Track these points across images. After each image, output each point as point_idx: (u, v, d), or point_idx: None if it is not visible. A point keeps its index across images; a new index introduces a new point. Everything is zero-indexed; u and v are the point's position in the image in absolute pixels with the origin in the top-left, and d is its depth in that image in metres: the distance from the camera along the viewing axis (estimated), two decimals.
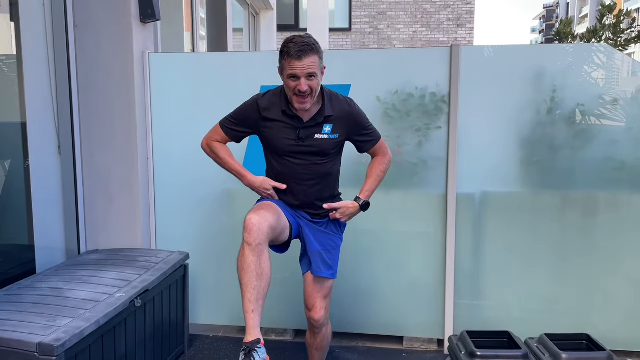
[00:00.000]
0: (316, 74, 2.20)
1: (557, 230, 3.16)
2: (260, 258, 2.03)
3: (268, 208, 2.23)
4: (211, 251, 3.43)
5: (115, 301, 2.43)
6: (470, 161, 3.17)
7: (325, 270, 2.44)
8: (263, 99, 2.37)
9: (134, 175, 3.31)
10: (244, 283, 2.03)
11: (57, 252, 3.26)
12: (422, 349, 3.30)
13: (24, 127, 3.05)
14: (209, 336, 3.48)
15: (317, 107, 2.33)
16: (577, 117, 3.10)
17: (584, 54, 3.11)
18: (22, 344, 1.99)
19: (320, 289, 2.46)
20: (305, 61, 2.16)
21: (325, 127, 2.34)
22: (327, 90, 2.37)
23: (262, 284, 2.02)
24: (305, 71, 2.17)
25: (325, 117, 2.32)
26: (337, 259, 2.51)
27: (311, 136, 2.33)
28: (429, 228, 3.24)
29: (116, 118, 3.28)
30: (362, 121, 2.44)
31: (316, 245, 2.43)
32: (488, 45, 3.13)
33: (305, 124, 2.32)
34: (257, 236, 2.03)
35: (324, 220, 2.47)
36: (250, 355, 1.94)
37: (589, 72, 3.08)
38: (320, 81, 2.26)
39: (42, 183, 3.14)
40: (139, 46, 3.27)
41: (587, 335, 2.82)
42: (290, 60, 2.17)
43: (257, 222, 2.05)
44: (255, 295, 2.00)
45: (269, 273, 2.06)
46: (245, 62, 3.38)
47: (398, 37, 15.86)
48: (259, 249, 2.03)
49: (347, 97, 2.45)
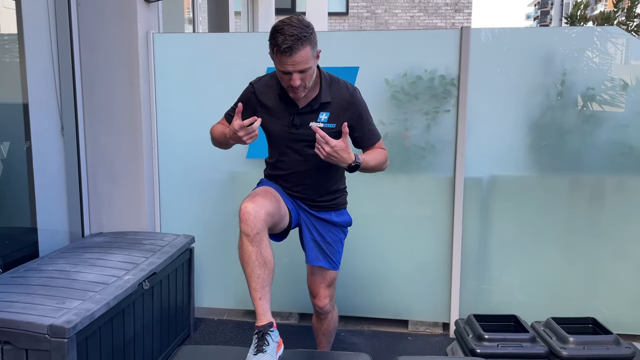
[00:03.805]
0: (308, 67, 2.03)
1: (564, 214, 3.16)
2: (260, 246, 1.97)
3: (265, 194, 2.12)
4: (216, 235, 3.41)
5: (124, 283, 2.40)
6: (479, 145, 3.15)
7: (324, 261, 2.36)
8: (259, 82, 2.27)
9: (138, 157, 3.27)
10: (247, 273, 1.98)
11: (60, 234, 3.23)
12: (427, 332, 3.31)
13: (25, 108, 2.99)
14: (214, 319, 3.47)
15: (314, 93, 2.18)
16: (586, 101, 3.08)
17: (595, 37, 3.08)
18: (33, 325, 1.96)
19: (322, 279, 2.40)
20: (295, 57, 1.97)
21: (322, 115, 2.17)
22: (326, 74, 2.21)
23: (265, 271, 1.97)
24: (296, 67, 2.00)
25: (321, 103, 2.17)
26: (338, 252, 2.40)
27: (306, 124, 2.18)
28: (436, 212, 3.23)
29: (120, 99, 3.23)
30: (362, 112, 2.24)
31: (314, 235, 2.34)
32: (498, 27, 3.10)
33: (300, 110, 2.18)
34: (254, 225, 1.96)
35: (326, 212, 2.36)
36: (264, 338, 1.92)
37: (599, 56, 3.06)
38: (314, 69, 2.10)
39: (45, 165, 3.10)
40: (143, 26, 3.21)
41: (593, 319, 2.85)
42: (280, 55, 1.99)
43: (253, 211, 1.97)
44: (261, 283, 1.96)
45: (272, 259, 2.00)
46: (251, 43, 3.32)
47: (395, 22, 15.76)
48: (257, 238, 1.96)
49: (350, 84, 2.27)
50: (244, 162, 3.29)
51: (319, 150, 2.07)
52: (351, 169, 2.13)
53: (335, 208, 2.37)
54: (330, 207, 2.36)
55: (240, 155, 3.29)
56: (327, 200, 2.34)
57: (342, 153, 2.06)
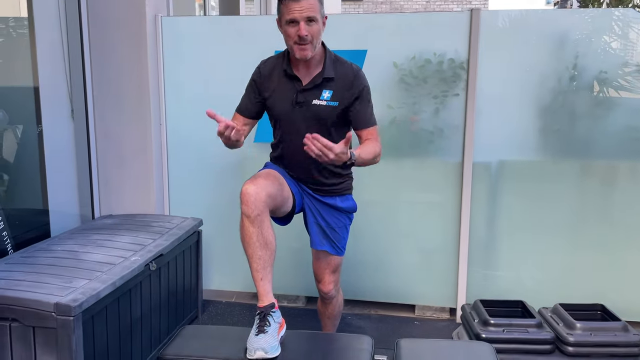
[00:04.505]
0: (316, 18, 2.05)
1: (574, 200, 3.12)
2: (262, 228, 1.97)
3: (267, 176, 2.12)
4: (224, 218, 3.43)
5: (130, 264, 2.43)
6: (488, 129, 3.11)
7: (328, 246, 2.35)
8: (266, 63, 2.29)
9: (147, 140, 3.29)
10: (249, 254, 1.99)
11: (71, 216, 3.28)
12: (434, 317, 3.31)
13: (36, 91, 3.02)
14: (222, 302, 3.50)
15: (318, 69, 2.18)
16: (599, 86, 3.02)
17: (610, 20, 3.00)
18: (40, 303, 2.00)
19: (326, 264, 2.39)
20: (303, 3, 2.01)
21: (325, 92, 2.17)
22: (332, 53, 2.22)
23: (267, 252, 1.98)
24: (304, 14, 2.02)
25: (324, 78, 2.16)
26: (343, 238, 2.39)
27: (309, 101, 2.18)
28: (444, 197, 3.21)
29: (128, 82, 3.24)
30: (364, 92, 2.21)
31: (318, 219, 2.33)
32: (509, 9, 3.04)
33: (304, 87, 2.18)
34: (255, 207, 1.96)
35: (330, 197, 2.34)
36: (265, 319, 1.93)
37: (613, 39, 2.99)
38: (321, 29, 2.10)
39: (56, 147, 3.13)
40: (151, 9, 3.21)
41: (601, 305, 2.82)
42: (287, 3, 2.03)
43: (254, 192, 1.97)
44: (262, 264, 1.97)
45: (273, 241, 2.00)
46: (259, 26, 3.30)
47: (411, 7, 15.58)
48: (258, 219, 1.96)
49: (355, 65, 2.25)
50: (252, 145, 3.30)
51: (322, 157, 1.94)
52: (345, 167, 2.12)
53: (340, 193, 2.35)
54: (335, 191, 2.34)
55: (249, 139, 3.28)
56: (331, 185, 2.33)
57: (343, 157, 1.97)
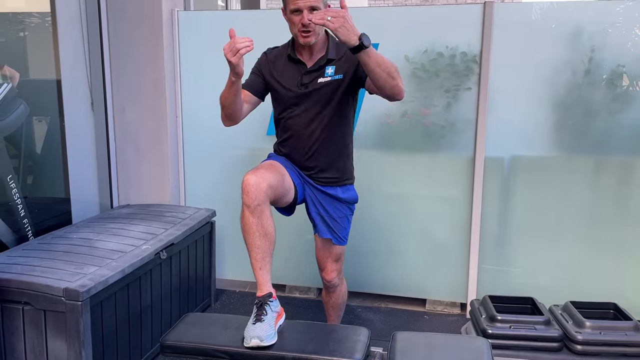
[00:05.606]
0: (319, 7, 2.11)
1: (588, 196, 3.06)
2: (262, 218, 2.00)
3: (269, 167, 2.16)
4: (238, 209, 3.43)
5: (140, 252, 2.52)
6: (501, 124, 3.07)
7: (330, 235, 2.39)
8: (272, 51, 2.38)
9: (163, 133, 3.38)
10: (248, 244, 2.03)
11: (91, 205, 3.39)
12: (444, 312, 3.30)
13: (59, 84, 3.14)
14: (236, 291, 3.58)
15: (321, 54, 2.25)
16: (617, 79, 2.94)
17: (628, 11, 2.92)
18: (50, 288, 2.10)
19: (329, 253, 2.44)
20: None
21: (328, 69, 2.23)
22: (334, 37, 2.21)
23: (266, 242, 2.01)
24: (307, 3, 2.09)
25: (327, 59, 2.23)
26: (344, 228, 2.43)
27: (314, 81, 2.24)
28: (455, 191, 3.19)
29: (145, 75, 3.33)
30: None
31: (319, 210, 2.37)
32: (523, 1, 2.98)
33: (308, 69, 2.25)
34: (255, 197, 1.99)
35: (331, 187, 2.37)
36: (263, 308, 1.97)
37: (632, 31, 2.90)
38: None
39: (77, 139, 3.25)
40: (167, 4, 3.28)
41: (614, 304, 2.76)
42: None
43: (255, 183, 2.01)
44: (261, 254, 2.01)
45: (273, 232, 2.04)
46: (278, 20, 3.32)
47: None
48: (258, 209, 2.00)
49: None
50: (264, 138, 3.34)
51: (332, 20, 1.89)
52: (358, 47, 1.93)
53: (341, 183, 2.38)
54: (336, 182, 2.37)
55: (261, 133, 3.34)
56: (332, 174, 2.36)
57: (350, 20, 1.91)
